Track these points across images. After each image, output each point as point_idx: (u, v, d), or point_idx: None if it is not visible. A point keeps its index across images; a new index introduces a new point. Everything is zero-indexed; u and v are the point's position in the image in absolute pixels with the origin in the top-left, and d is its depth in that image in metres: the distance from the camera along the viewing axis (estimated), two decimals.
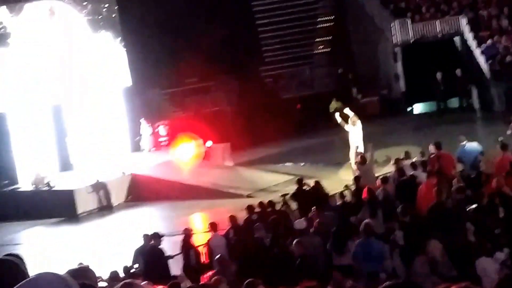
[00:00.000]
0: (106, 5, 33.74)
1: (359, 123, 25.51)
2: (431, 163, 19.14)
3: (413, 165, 19.40)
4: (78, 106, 32.85)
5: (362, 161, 21.22)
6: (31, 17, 31.21)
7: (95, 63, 33.14)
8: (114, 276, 14.91)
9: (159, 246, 17.48)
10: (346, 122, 25.55)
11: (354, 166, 24.40)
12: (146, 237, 17.83)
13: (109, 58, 33.69)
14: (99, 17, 33.46)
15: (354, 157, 24.91)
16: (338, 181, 23.79)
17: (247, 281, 10.23)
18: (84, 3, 33.09)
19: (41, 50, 31.24)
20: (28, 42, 31.00)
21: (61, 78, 31.72)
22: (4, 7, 30.41)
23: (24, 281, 3.89)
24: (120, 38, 34.02)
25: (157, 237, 17.58)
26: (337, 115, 25.89)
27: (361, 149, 24.94)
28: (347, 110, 26.07)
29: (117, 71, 33.84)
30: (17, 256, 5.34)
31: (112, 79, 33.69)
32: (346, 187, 20.25)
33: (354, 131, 25.44)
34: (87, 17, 33.02)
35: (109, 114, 33.86)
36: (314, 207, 17.49)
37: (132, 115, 34.64)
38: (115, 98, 34.19)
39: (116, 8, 33.93)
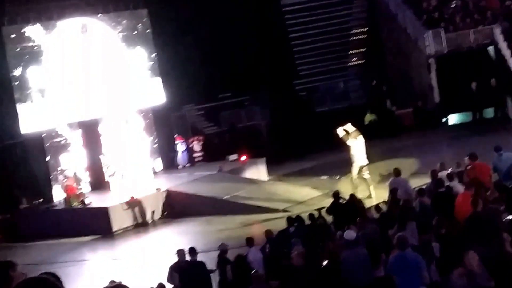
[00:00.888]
0: (140, 21, 33.88)
1: (360, 138, 26.44)
2: (467, 174, 18.95)
3: (450, 176, 19.20)
4: (112, 123, 32.95)
5: (396, 173, 21.00)
6: (64, 34, 31.36)
7: (129, 79, 33.23)
8: None
9: (200, 260, 17.29)
10: (348, 137, 26.32)
11: (355, 181, 26.05)
12: (180, 252, 17.73)
13: (143, 74, 33.77)
14: (133, 33, 33.61)
15: (356, 172, 26.10)
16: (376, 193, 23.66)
17: None
18: (118, 19, 33.25)
19: (74, 67, 31.37)
20: (61, 59, 31.15)
21: (95, 95, 31.81)
22: (38, 24, 30.61)
23: None
24: (154, 54, 34.12)
25: (193, 252, 17.44)
26: (339, 130, 26.51)
27: (364, 164, 26.15)
28: (348, 126, 26.68)
29: (151, 87, 33.91)
30: (53, 275, 5.39)
31: (146, 95, 33.75)
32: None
33: (356, 146, 26.31)
34: (121, 33, 33.17)
35: (143, 130, 33.93)
36: (358, 218, 17.38)
37: (166, 131, 34.71)
38: (148, 114, 34.28)
39: (149, 24, 34.04)
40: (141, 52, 33.85)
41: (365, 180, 26.34)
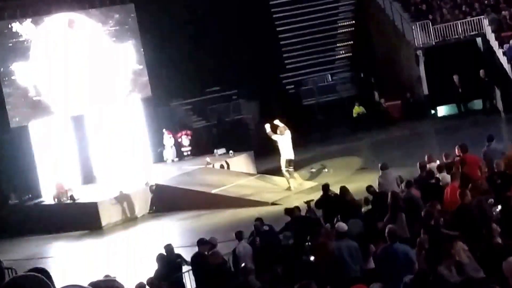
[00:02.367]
0: (128, 16, 33.76)
1: (287, 132, 27.53)
2: (455, 166, 18.96)
3: (439, 168, 19.22)
4: (100, 117, 32.88)
5: (383, 167, 20.94)
6: (51, 29, 31.26)
7: (116, 74, 33.14)
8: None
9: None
10: (275, 132, 27.37)
11: (285, 174, 27.59)
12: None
13: (130, 69, 33.68)
14: (121, 28, 33.49)
15: (284, 165, 27.43)
16: (362, 186, 23.61)
17: (300, 283, 10.13)
18: (106, 14, 33.12)
19: (62, 61, 31.27)
20: (49, 54, 31.04)
21: (82, 89, 31.71)
22: (25, 20, 30.49)
23: None
24: (141, 48, 34.01)
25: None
26: (267, 126, 27.51)
27: (290, 157, 27.45)
28: (276, 121, 27.83)
29: (139, 82, 33.82)
30: (42, 270, 5.33)
31: (133, 89, 33.67)
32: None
33: (283, 141, 27.45)
34: (108, 28, 33.06)
35: (131, 125, 33.85)
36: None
37: (154, 126, 34.65)
38: (136, 109, 34.19)
39: (137, 18, 33.92)
40: (129, 46, 33.74)
41: (290, 173, 27.66)
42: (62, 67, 31.28)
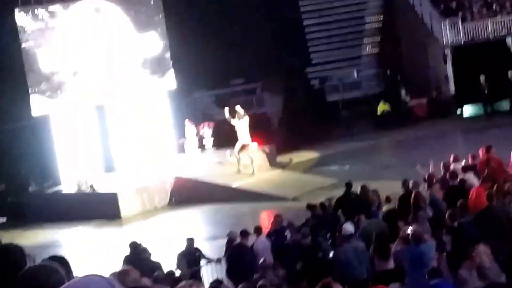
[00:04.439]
0: (153, 6, 33.57)
1: (246, 118, 28.89)
2: (480, 167, 18.67)
3: (464, 169, 18.90)
4: (123, 107, 32.71)
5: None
6: (76, 16, 31.06)
7: (140, 64, 32.96)
8: (157, 279, 14.65)
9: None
10: (234, 117, 28.74)
11: (237, 157, 29.05)
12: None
13: (155, 59, 33.48)
14: (146, 18, 33.31)
15: (238, 149, 28.90)
16: (385, 184, 23.32)
17: (322, 282, 9.91)
18: (131, 3, 32.95)
19: (86, 50, 31.10)
20: (73, 41, 30.87)
21: (106, 77, 31.55)
22: (51, 6, 30.30)
23: (67, 283, 3.96)
24: (166, 39, 33.82)
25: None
26: (226, 110, 28.76)
27: (245, 142, 28.82)
28: (238, 108, 29.22)
29: (163, 71, 33.64)
30: (61, 258, 5.38)
31: (157, 79, 33.49)
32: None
33: (240, 125, 28.83)
34: (133, 17, 32.86)
35: (154, 115, 33.67)
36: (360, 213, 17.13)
37: (177, 117, 34.46)
38: (160, 99, 34.01)
39: (162, 8, 33.73)
40: (154, 36, 33.54)
41: (250, 158, 29.01)
42: (86, 55, 31.09)
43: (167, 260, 17.81)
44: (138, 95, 33.06)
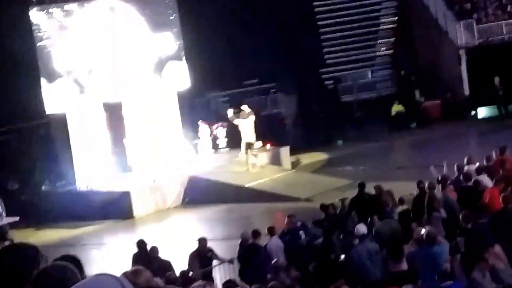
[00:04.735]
0: (168, 5, 33.55)
1: (252, 117, 29.36)
2: (494, 169, 18.57)
3: (478, 170, 18.80)
4: (136, 106, 32.68)
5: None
6: (91, 15, 31.07)
7: (154, 63, 32.93)
8: (169, 279, 14.62)
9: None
10: (238, 116, 29.39)
11: (243, 156, 29.28)
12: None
13: (169, 58, 33.44)
14: (160, 17, 33.28)
15: (244, 148, 29.18)
16: (399, 185, 23.24)
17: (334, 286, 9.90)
18: (146, 2, 32.94)
19: (100, 48, 31.09)
20: (88, 40, 30.88)
21: (120, 76, 31.54)
22: (65, 5, 30.34)
23: (80, 282, 3.97)
24: (180, 38, 33.78)
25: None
26: (229, 110, 29.74)
27: (250, 141, 29.15)
28: (244, 107, 29.86)
29: (177, 72, 33.60)
30: (74, 258, 5.34)
31: (171, 80, 33.45)
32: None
33: (244, 125, 29.22)
34: (148, 17, 32.83)
35: (168, 115, 33.62)
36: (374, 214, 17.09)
37: (190, 117, 34.42)
38: (173, 99, 33.98)
39: (177, 8, 33.71)
40: (168, 36, 33.49)
41: (253, 157, 29.32)
42: (101, 54, 31.10)
43: (179, 260, 17.76)
44: (152, 95, 33.02)
